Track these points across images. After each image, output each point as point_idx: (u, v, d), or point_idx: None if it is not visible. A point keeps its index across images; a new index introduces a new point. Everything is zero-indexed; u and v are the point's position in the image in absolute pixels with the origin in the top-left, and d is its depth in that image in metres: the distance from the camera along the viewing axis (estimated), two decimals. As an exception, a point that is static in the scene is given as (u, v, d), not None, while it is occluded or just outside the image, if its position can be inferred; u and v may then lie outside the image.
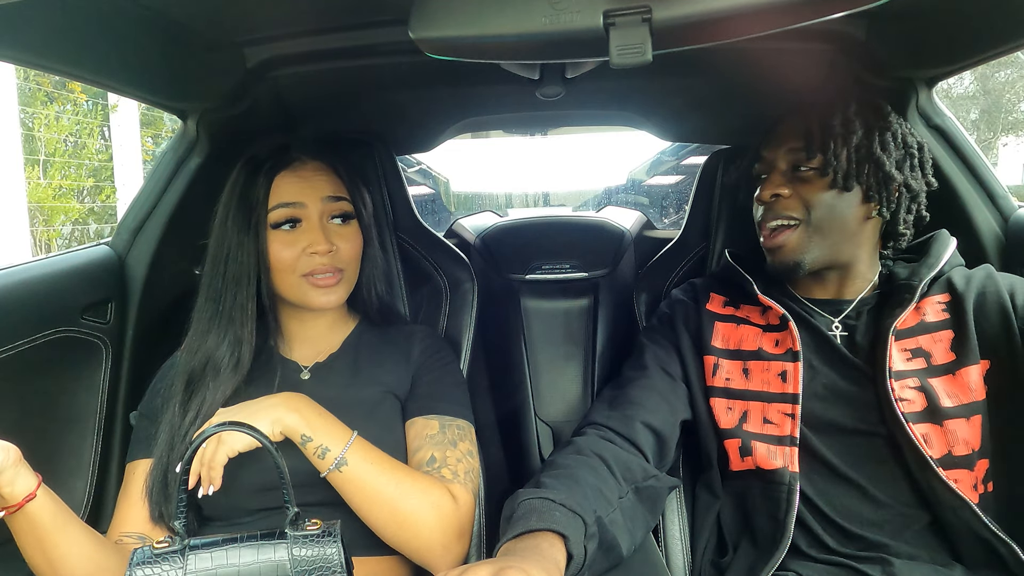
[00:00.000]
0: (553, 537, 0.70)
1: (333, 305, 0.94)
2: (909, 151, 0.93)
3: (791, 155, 0.93)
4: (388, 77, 1.25)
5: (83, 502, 1.06)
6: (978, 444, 0.86)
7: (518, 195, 4.72)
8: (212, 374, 0.90)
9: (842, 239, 0.93)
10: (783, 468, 0.89)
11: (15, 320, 0.97)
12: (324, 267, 0.91)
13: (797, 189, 0.92)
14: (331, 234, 0.92)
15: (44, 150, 4.95)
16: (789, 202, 0.92)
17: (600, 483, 0.82)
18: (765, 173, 0.97)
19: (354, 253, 0.96)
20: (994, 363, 0.87)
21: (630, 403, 0.94)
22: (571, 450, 0.88)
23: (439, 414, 0.94)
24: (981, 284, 0.91)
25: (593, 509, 0.76)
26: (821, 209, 0.91)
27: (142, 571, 0.67)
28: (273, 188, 0.91)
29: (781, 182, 0.93)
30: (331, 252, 0.91)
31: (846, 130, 0.90)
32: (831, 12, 0.62)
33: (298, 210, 0.91)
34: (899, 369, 0.88)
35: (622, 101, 1.52)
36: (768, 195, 0.93)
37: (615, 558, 0.79)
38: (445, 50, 0.70)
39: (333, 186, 0.94)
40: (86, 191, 5.51)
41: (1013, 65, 10.53)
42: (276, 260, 0.91)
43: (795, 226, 0.92)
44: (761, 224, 0.96)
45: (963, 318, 0.89)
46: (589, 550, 0.72)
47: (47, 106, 5.10)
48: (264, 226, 0.91)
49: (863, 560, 0.86)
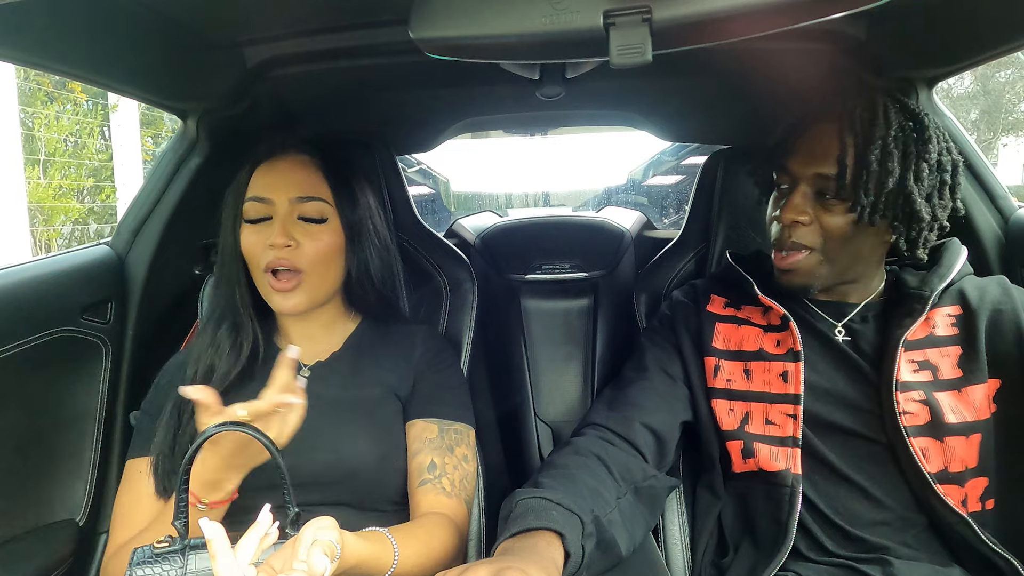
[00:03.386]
0: (550, 536, 0.70)
1: (292, 311, 0.91)
2: (943, 176, 0.86)
3: (819, 181, 0.87)
4: (388, 77, 1.25)
5: (83, 502, 1.06)
6: (973, 463, 0.85)
7: (518, 195, 4.72)
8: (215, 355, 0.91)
9: (853, 264, 0.91)
10: (785, 470, 0.89)
11: (15, 320, 0.97)
12: (280, 261, 0.89)
13: (818, 216, 0.87)
14: (295, 230, 0.91)
15: (44, 150, 4.95)
16: (807, 230, 0.88)
17: (598, 483, 0.82)
18: (786, 185, 0.91)
19: (319, 254, 0.91)
20: (1005, 382, 0.86)
21: (629, 404, 0.94)
22: (569, 450, 0.88)
23: (439, 418, 0.95)
24: (997, 301, 0.89)
25: (591, 509, 0.76)
26: (838, 240, 0.87)
27: (142, 570, 0.67)
28: (252, 180, 0.93)
29: (803, 208, 0.87)
30: (289, 247, 0.89)
31: (883, 167, 0.83)
32: (831, 12, 0.62)
33: (266, 206, 0.91)
34: (906, 380, 0.87)
35: (622, 101, 1.52)
36: (788, 219, 0.88)
37: (614, 558, 0.79)
38: (445, 50, 0.70)
39: (308, 184, 0.92)
40: (86, 191, 5.50)
41: (1013, 65, 10.53)
42: (245, 252, 0.92)
43: (808, 252, 0.89)
44: (775, 244, 0.92)
45: (973, 335, 0.87)
46: (587, 549, 0.72)
47: (47, 106, 5.10)
48: (240, 217, 0.92)
49: (863, 561, 0.86)
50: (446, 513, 0.87)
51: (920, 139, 0.85)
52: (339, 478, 0.88)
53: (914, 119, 0.86)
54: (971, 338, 0.88)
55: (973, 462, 0.85)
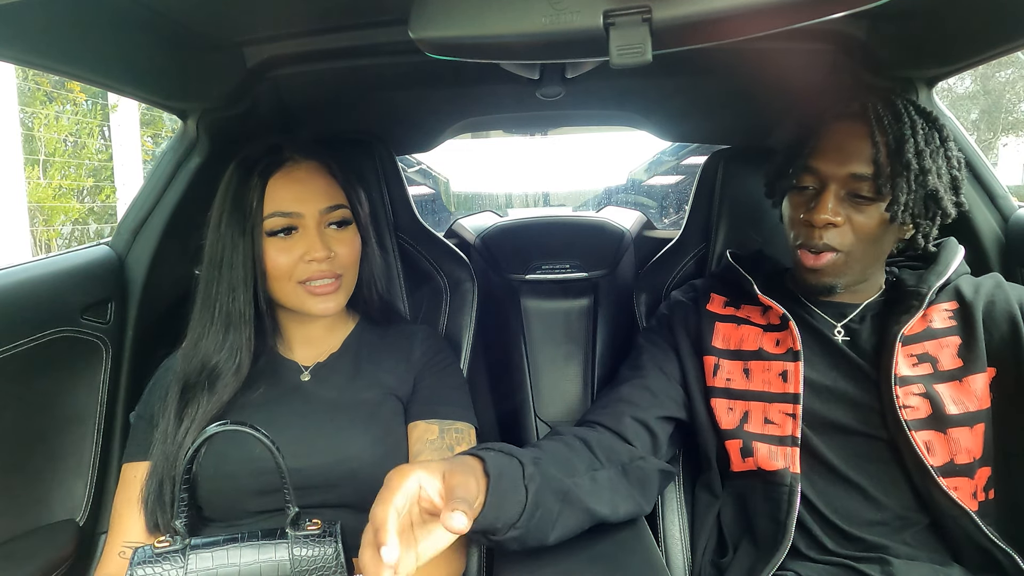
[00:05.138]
0: (473, 460, 0.68)
1: (332, 312, 0.92)
2: (955, 172, 0.87)
3: (853, 182, 0.85)
4: (388, 77, 1.25)
5: (83, 502, 1.06)
6: (980, 452, 0.86)
7: (518, 195, 4.72)
8: (209, 380, 0.88)
9: (876, 260, 0.91)
10: (784, 469, 0.89)
11: (15, 320, 0.97)
12: (322, 273, 0.89)
13: (850, 216, 0.86)
14: (329, 239, 0.91)
15: (44, 150, 4.95)
16: (841, 232, 0.86)
17: (570, 454, 0.82)
18: (812, 186, 0.88)
19: (353, 257, 0.94)
20: (1000, 371, 0.87)
21: (621, 400, 0.95)
22: (552, 434, 0.89)
23: (439, 418, 0.95)
24: (990, 292, 0.90)
25: (535, 459, 0.75)
26: (869, 240, 0.87)
27: (143, 570, 0.67)
28: (268, 193, 0.89)
29: (837, 209, 0.86)
30: (329, 258, 0.90)
31: (921, 167, 0.83)
32: (831, 12, 0.62)
33: (295, 220, 0.89)
34: (905, 375, 0.87)
35: (622, 101, 1.52)
36: (823, 221, 0.86)
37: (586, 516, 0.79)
38: (445, 50, 0.70)
39: (330, 192, 0.92)
40: (86, 191, 5.50)
41: (1013, 65, 10.53)
42: (272, 267, 0.89)
43: (839, 253, 0.88)
44: (802, 245, 0.90)
45: (971, 325, 0.88)
46: (531, 489, 0.71)
47: (47, 106, 5.09)
48: (260, 232, 0.88)
49: (862, 560, 0.86)
50: None
51: (941, 137, 0.86)
52: (339, 479, 0.88)
53: (927, 117, 0.87)
54: (969, 327, 0.88)
55: (979, 452, 0.86)
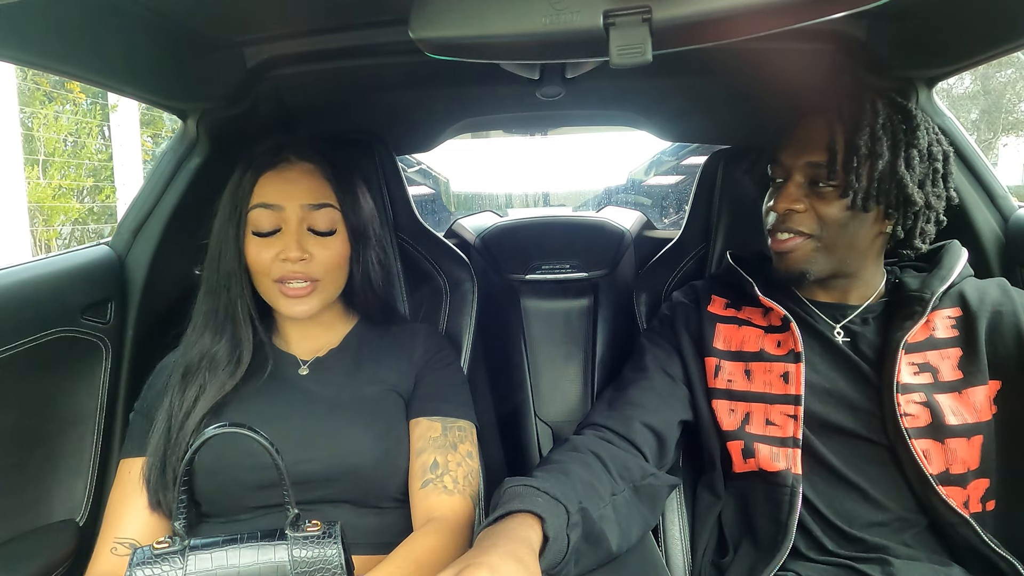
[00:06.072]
0: (531, 519, 0.69)
1: (304, 315, 0.92)
2: (934, 165, 0.88)
3: (811, 170, 0.89)
4: (388, 77, 1.25)
5: (83, 502, 1.06)
6: (975, 464, 0.85)
7: (518, 195, 4.72)
8: (210, 368, 0.90)
9: (851, 253, 0.91)
10: (786, 470, 0.89)
11: (15, 320, 0.97)
12: (295, 274, 0.89)
13: (813, 204, 0.89)
14: (307, 242, 0.90)
15: (44, 150, 4.95)
16: (803, 217, 0.89)
17: (592, 478, 0.82)
18: (781, 178, 0.93)
19: (332, 263, 0.92)
20: (1006, 384, 0.86)
21: (629, 404, 0.94)
22: (567, 447, 0.88)
23: (442, 416, 0.95)
24: (996, 302, 0.89)
25: (579, 500, 0.76)
26: (835, 227, 0.88)
27: (142, 571, 0.67)
28: (257, 187, 0.91)
29: (797, 196, 0.89)
30: (304, 260, 0.89)
31: (872, 151, 0.86)
32: (831, 12, 0.62)
33: (276, 212, 0.90)
34: (907, 382, 0.87)
35: (622, 101, 1.52)
36: (783, 208, 0.90)
37: (603, 553, 0.79)
38: (445, 50, 0.70)
39: (317, 191, 0.92)
40: (86, 191, 5.50)
41: (1013, 65, 10.54)
42: (252, 262, 0.90)
43: (806, 238, 0.90)
44: (771, 231, 0.94)
45: (973, 337, 0.87)
46: (572, 539, 0.72)
47: (47, 106, 5.09)
48: (245, 224, 0.91)
49: (863, 560, 0.86)
50: (445, 515, 0.87)
51: (908, 128, 0.87)
52: (339, 475, 0.88)
53: (902, 111, 0.89)
54: (971, 340, 0.88)
55: (975, 463, 0.85)
